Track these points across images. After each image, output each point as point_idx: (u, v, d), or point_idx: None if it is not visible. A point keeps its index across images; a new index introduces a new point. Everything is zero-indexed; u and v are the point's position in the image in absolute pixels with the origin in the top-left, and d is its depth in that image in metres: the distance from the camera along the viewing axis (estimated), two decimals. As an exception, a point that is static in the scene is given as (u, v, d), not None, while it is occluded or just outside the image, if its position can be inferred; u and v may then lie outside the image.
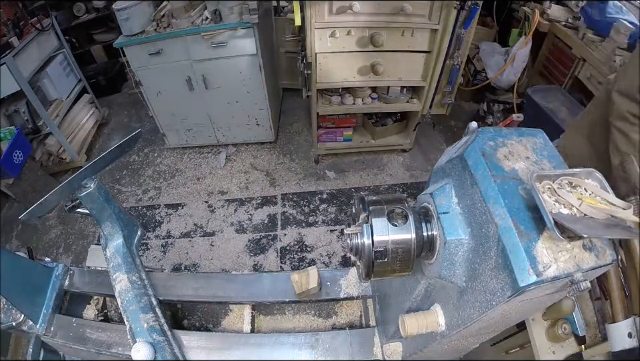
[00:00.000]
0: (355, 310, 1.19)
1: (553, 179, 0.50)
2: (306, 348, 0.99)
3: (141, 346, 0.89)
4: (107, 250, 1.10)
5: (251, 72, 2.55)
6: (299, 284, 1.05)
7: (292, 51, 3.07)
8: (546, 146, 0.58)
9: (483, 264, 0.52)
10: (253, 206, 2.65)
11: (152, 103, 2.74)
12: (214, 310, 1.21)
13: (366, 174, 2.81)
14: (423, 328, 0.67)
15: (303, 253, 2.34)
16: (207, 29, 2.31)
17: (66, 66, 3.11)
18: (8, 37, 2.45)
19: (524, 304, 0.52)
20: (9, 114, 2.69)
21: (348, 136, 2.79)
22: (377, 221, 0.60)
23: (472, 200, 0.54)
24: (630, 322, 0.81)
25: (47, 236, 2.63)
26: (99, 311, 1.20)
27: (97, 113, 3.44)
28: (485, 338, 0.76)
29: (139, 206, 2.74)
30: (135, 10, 2.34)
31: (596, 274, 0.51)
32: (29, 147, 2.61)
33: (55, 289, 1.12)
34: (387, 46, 2.15)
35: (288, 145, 3.09)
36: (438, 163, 0.67)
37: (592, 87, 2.24)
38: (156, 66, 2.52)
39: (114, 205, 1.07)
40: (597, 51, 2.19)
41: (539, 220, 0.47)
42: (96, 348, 1.03)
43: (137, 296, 1.00)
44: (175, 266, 2.35)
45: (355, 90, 2.47)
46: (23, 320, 1.05)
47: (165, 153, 3.14)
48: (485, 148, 0.55)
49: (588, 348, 0.89)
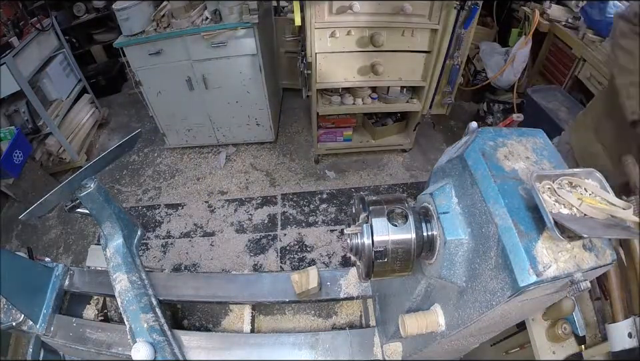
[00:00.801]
0: (355, 310, 1.19)
1: (553, 179, 0.50)
2: (306, 348, 0.99)
3: (141, 346, 0.89)
4: (107, 250, 1.10)
5: (250, 72, 2.55)
6: (298, 284, 1.05)
7: (292, 51, 3.07)
8: (546, 146, 0.58)
9: (483, 264, 0.52)
10: (252, 206, 2.65)
11: (152, 103, 2.74)
12: (214, 310, 1.21)
13: (366, 174, 2.81)
14: (423, 328, 0.67)
15: (302, 253, 2.34)
16: (206, 29, 2.31)
17: (66, 66, 3.11)
18: (8, 37, 2.45)
19: (524, 304, 0.52)
20: (9, 114, 2.69)
21: (348, 136, 2.79)
22: (377, 221, 0.60)
23: (472, 200, 0.54)
24: (630, 322, 0.81)
25: (47, 236, 2.63)
26: (99, 311, 1.20)
27: (97, 113, 3.44)
28: (485, 338, 0.76)
29: (139, 206, 2.74)
30: (134, 10, 2.34)
31: (596, 274, 0.51)
32: (29, 147, 2.61)
33: (55, 289, 1.12)
34: (386, 46, 2.14)
35: (288, 145, 3.09)
36: (438, 163, 0.67)
37: (592, 87, 2.24)
38: (156, 66, 2.52)
39: (114, 205, 1.07)
40: (596, 51, 2.19)
41: (539, 220, 0.47)
42: (96, 348, 1.03)
43: (136, 296, 1.00)
44: (174, 266, 2.35)
45: (355, 90, 2.47)
46: (23, 320, 1.05)
47: (164, 153, 3.14)
48: (485, 148, 0.55)
49: (588, 348, 0.89)
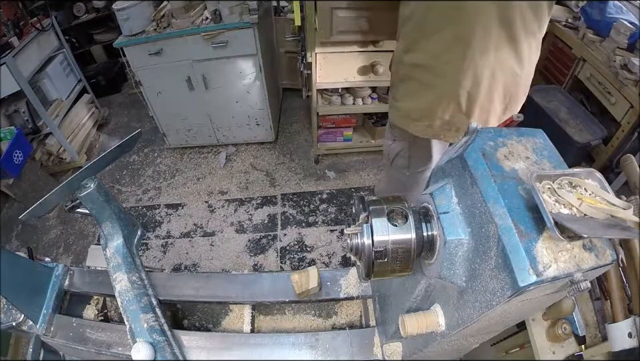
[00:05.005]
0: (355, 310, 1.19)
1: (553, 179, 0.50)
2: (306, 348, 0.99)
3: (141, 346, 0.89)
4: (106, 250, 1.10)
5: (250, 72, 2.55)
6: (298, 284, 1.05)
7: (292, 51, 3.07)
8: (546, 146, 0.58)
9: (483, 264, 0.52)
10: (252, 206, 2.65)
11: (152, 103, 2.74)
12: (214, 310, 1.21)
13: (366, 174, 2.81)
14: (423, 328, 0.67)
15: (302, 253, 2.34)
16: (206, 29, 2.31)
17: (66, 66, 3.11)
18: (8, 37, 2.45)
19: (524, 304, 0.52)
20: (8, 114, 2.69)
21: (348, 136, 2.79)
22: (377, 221, 0.60)
23: (472, 200, 0.54)
24: (630, 322, 0.81)
25: (47, 236, 2.63)
26: (99, 311, 1.20)
27: (97, 113, 3.44)
28: (485, 338, 0.76)
29: (139, 206, 2.74)
30: (134, 10, 2.34)
31: (596, 274, 0.51)
32: (29, 147, 2.61)
33: (55, 289, 1.12)
34: (387, 46, 2.14)
35: (288, 145, 3.09)
36: (438, 163, 0.67)
37: (592, 87, 2.24)
38: (156, 66, 2.52)
39: (114, 205, 1.07)
40: (597, 51, 2.19)
41: (539, 220, 0.47)
42: (96, 348, 1.03)
43: (136, 296, 1.00)
44: (174, 266, 2.35)
45: (354, 90, 2.47)
46: (22, 320, 1.05)
47: (164, 153, 3.14)
48: (484, 148, 0.55)
49: (588, 348, 0.89)
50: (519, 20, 1.05)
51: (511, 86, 1.19)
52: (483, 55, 1.10)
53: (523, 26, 1.07)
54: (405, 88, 1.32)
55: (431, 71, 1.19)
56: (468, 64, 1.12)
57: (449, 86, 1.18)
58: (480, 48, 1.09)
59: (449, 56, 1.14)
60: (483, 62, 1.11)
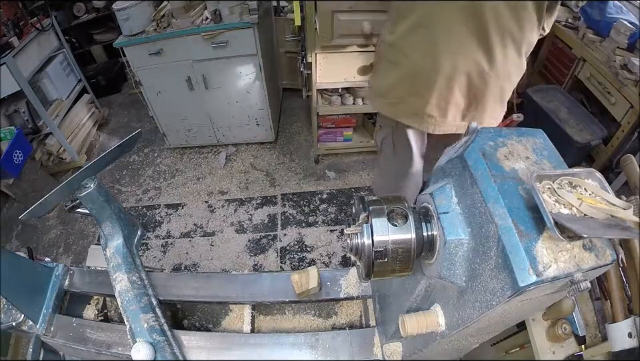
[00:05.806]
0: (355, 310, 1.19)
1: (553, 179, 0.50)
2: (306, 348, 0.99)
3: (141, 346, 0.89)
4: (106, 250, 1.10)
5: (250, 72, 2.55)
6: (298, 284, 1.05)
7: (292, 51, 3.07)
8: (546, 146, 0.58)
9: (483, 264, 0.52)
10: (252, 206, 2.65)
11: (152, 103, 2.74)
12: (214, 310, 1.21)
13: (366, 174, 2.81)
14: (423, 328, 0.67)
15: (303, 253, 2.34)
16: (206, 29, 2.31)
17: (66, 66, 3.11)
18: (8, 37, 2.45)
19: (524, 304, 0.52)
20: (8, 114, 2.69)
21: (348, 136, 2.79)
22: (377, 221, 0.60)
23: (472, 200, 0.54)
24: (630, 322, 0.81)
25: (47, 236, 2.63)
26: (99, 311, 1.20)
27: (97, 113, 3.44)
28: (485, 338, 0.76)
29: (139, 206, 2.74)
30: (134, 10, 2.34)
31: (596, 274, 0.51)
32: (29, 147, 2.61)
33: (55, 289, 1.12)
34: (386, 46, 2.14)
35: (288, 145, 3.09)
36: (438, 163, 0.67)
37: (592, 87, 2.24)
38: (156, 66, 2.51)
39: (114, 205, 1.07)
40: (597, 51, 2.19)
41: (539, 220, 0.47)
42: (96, 348, 1.03)
43: (136, 296, 1.00)
44: (174, 266, 2.35)
45: (355, 90, 2.47)
46: (22, 320, 1.05)
47: (164, 153, 3.14)
48: (484, 148, 0.55)
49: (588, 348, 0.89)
50: (490, 15, 1.06)
51: (476, 81, 1.19)
52: (444, 42, 1.13)
53: (495, 22, 1.07)
54: (378, 66, 1.39)
55: (399, 50, 1.25)
56: (428, 47, 1.16)
57: (410, 66, 1.23)
58: (442, 35, 1.13)
59: (413, 37, 1.19)
60: (444, 49, 1.14)
